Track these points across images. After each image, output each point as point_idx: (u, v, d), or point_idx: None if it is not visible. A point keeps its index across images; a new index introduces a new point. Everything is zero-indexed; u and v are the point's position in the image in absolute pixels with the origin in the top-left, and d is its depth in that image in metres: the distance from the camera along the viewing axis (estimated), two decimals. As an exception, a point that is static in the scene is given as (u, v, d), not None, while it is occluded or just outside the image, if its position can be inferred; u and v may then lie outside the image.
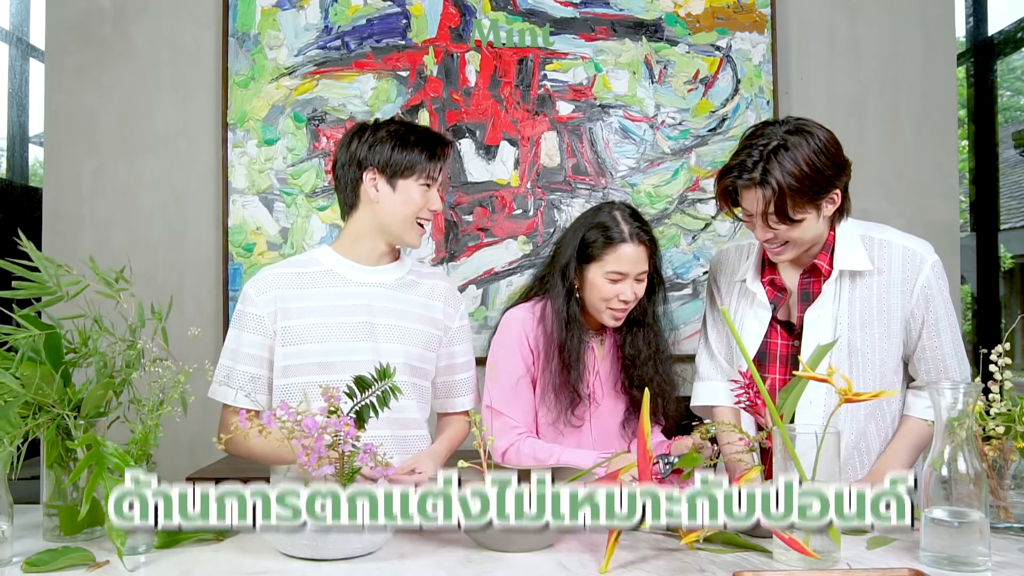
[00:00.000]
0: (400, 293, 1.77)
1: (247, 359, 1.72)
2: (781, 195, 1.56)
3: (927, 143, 3.14)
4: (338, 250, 1.78)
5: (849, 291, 1.69)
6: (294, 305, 1.72)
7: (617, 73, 3.06)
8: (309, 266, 1.77)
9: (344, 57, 3.02)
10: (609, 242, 1.73)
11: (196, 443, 2.74)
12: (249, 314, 1.72)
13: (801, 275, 1.73)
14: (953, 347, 1.71)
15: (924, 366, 1.71)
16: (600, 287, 1.74)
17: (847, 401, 1.28)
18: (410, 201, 1.72)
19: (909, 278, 1.68)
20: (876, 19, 3.15)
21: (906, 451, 1.70)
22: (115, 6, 3.03)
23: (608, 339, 1.85)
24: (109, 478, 1.24)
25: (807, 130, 1.61)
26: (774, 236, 1.63)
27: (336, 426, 1.28)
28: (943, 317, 1.69)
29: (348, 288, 1.74)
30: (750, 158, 1.59)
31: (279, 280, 1.74)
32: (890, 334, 1.69)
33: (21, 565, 1.22)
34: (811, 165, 1.57)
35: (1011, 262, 5.56)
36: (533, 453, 1.75)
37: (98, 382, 1.36)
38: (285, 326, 1.71)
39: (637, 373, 1.79)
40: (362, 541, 1.26)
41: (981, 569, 1.20)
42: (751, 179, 1.58)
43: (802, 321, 1.70)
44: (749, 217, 1.65)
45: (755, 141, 1.61)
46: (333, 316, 1.71)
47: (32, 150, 4.09)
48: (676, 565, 1.24)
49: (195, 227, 3.03)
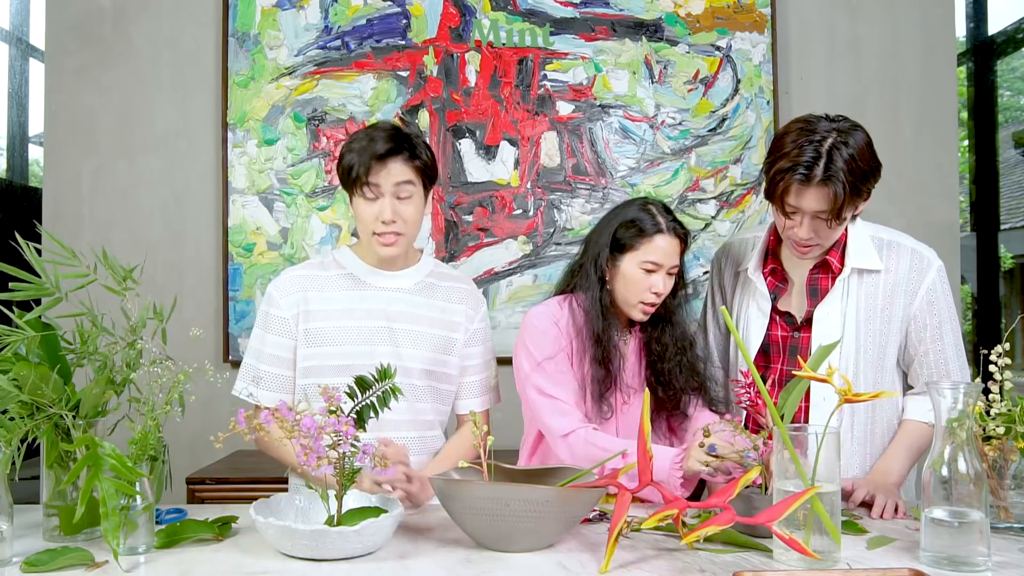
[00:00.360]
0: (419, 297, 1.78)
1: (271, 360, 1.74)
2: (844, 194, 1.56)
3: (927, 143, 3.14)
4: (358, 253, 1.79)
5: (856, 288, 1.71)
6: (316, 308, 1.73)
7: (617, 73, 3.06)
8: (331, 269, 1.78)
9: (344, 57, 3.02)
10: (644, 232, 1.72)
11: (196, 443, 2.74)
12: (273, 315, 1.74)
13: (811, 270, 1.75)
14: (956, 352, 1.72)
15: (927, 371, 1.71)
16: (633, 278, 1.72)
17: (847, 401, 1.28)
18: (358, 217, 1.71)
19: (914, 279, 1.70)
20: (876, 19, 3.15)
21: (905, 452, 1.70)
22: (115, 6, 3.03)
23: (633, 338, 1.84)
24: (105, 480, 1.24)
25: (854, 124, 1.61)
26: (814, 234, 1.63)
27: (335, 426, 1.28)
28: (947, 321, 1.71)
29: (367, 292, 1.75)
30: (806, 157, 1.56)
31: (302, 282, 1.76)
32: (889, 332, 1.71)
33: (20, 565, 1.22)
34: (864, 159, 1.58)
35: (1011, 262, 5.56)
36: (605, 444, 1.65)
37: (97, 382, 1.36)
38: (307, 328, 1.73)
39: (664, 368, 1.78)
40: (362, 541, 1.26)
41: (981, 569, 1.20)
42: (813, 178, 1.56)
43: (811, 316, 1.72)
44: (795, 214, 1.62)
45: (807, 138, 1.58)
46: (353, 319, 1.73)
47: (32, 150, 4.09)
48: (676, 565, 1.24)
49: (195, 227, 3.03)
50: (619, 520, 1.23)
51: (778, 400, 1.39)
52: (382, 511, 1.32)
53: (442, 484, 1.32)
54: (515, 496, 1.27)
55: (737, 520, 1.21)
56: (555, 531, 1.32)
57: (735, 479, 1.35)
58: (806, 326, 1.73)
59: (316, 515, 1.38)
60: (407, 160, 1.68)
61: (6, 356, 1.33)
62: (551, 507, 1.28)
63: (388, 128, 1.71)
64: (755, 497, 1.41)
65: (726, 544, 1.32)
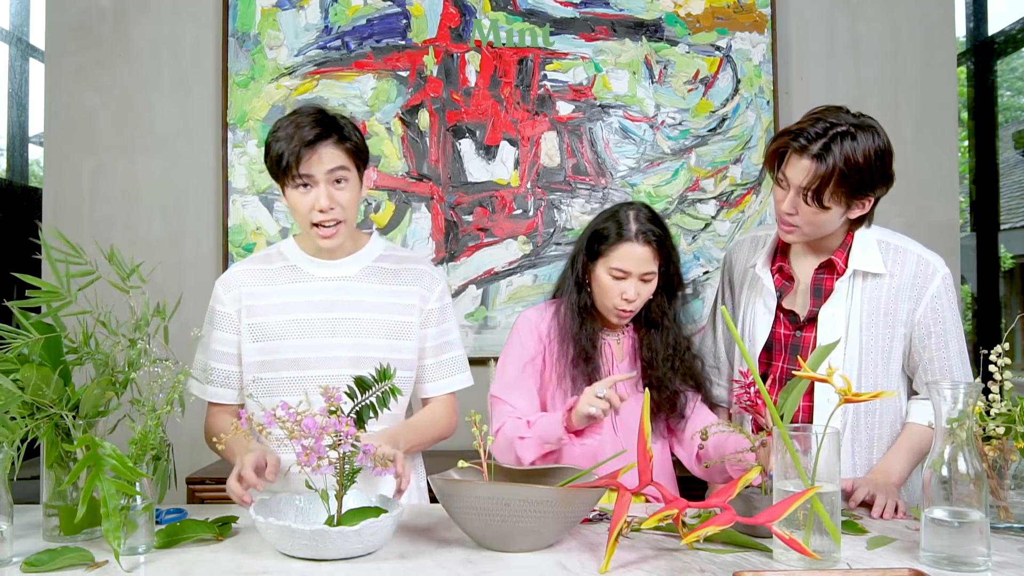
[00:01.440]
0: (364, 284, 1.73)
1: (218, 356, 1.73)
2: (828, 177, 1.58)
3: (927, 143, 3.14)
4: (300, 243, 1.76)
5: (860, 291, 1.72)
6: (260, 303, 1.71)
7: (617, 73, 3.06)
8: (275, 261, 1.76)
9: (344, 57, 3.02)
10: (615, 239, 1.75)
11: (196, 443, 2.72)
12: (218, 311, 1.73)
13: (816, 269, 1.76)
14: (960, 360, 1.72)
15: (931, 377, 1.72)
16: (604, 284, 1.76)
17: (847, 401, 1.29)
18: (295, 209, 1.66)
19: (919, 285, 1.71)
20: (876, 19, 3.15)
21: (907, 453, 1.70)
22: (115, 6, 3.03)
23: (627, 339, 1.86)
24: (106, 480, 1.24)
25: (875, 129, 1.64)
26: (796, 212, 1.65)
27: (336, 426, 1.28)
28: (951, 329, 1.71)
29: (310, 283, 1.72)
30: (815, 129, 1.60)
31: (245, 277, 1.74)
32: (893, 337, 1.72)
33: (20, 565, 1.22)
34: (867, 161, 1.60)
35: (1011, 262, 5.55)
36: (514, 430, 1.73)
37: (97, 382, 1.36)
38: (252, 323, 1.71)
39: (656, 374, 1.79)
40: (362, 541, 1.26)
41: (981, 569, 1.20)
42: (809, 150, 1.59)
43: (815, 315, 1.73)
44: (784, 186, 1.65)
45: (825, 117, 1.62)
46: (297, 312, 1.70)
47: (32, 150, 4.09)
48: (676, 565, 1.24)
49: (195, 227, 3.03)
50: (619, 520, 1.23)
51: (778, 400, 1.38)
52: (382, 511, 1.32)
53: (442, 484, 1.32)
54: (515, 496, 1.27)
55: (737, 520, 1.21)
56: (555, 531, 1.32)
57: (734, 480, 1.35)
58: (809, 325, 1.74)
59: (316, 515, 1.38)
60: (337, 144, 1.62)
61: (9, 357, 1.33)
62: (551, 507, 1.28)
63: (313, 112, 1.64)
64: (755, 497, 1.42)
65: (726, 544, 1.32)
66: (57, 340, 1.37)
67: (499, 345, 2.06)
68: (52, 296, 1.41)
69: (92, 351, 1.40)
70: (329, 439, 1.28)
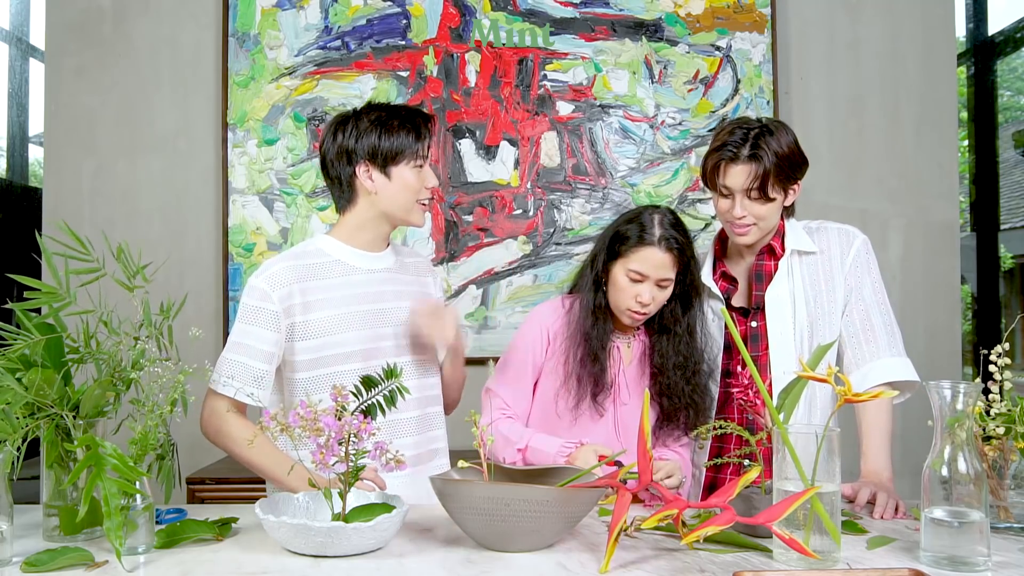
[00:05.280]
0: (398, 275, 1.82)
1: (258, 355, 1.66)
2: (767, 171, 1.71)
3: (927, 143, 3.14)
4: (341, 239, 1.77)
5: (799, 269, 1.82)
6: (312, 298, 1.69)
7: (617, 73, 3.06)
8: (317, 257, 1.74)
9: (344, 57, 3.02)
10: (636, 241, 1.75)
11: (196, 443, 2.73)
12: (264, 309, 1.66)
13: (755, 258, 1.85)
14: (879, 309, 1.79)
15: (851, 330, 1.79)
16: (620, 285, 1.76)
17: (847, 401, 1.28)
18: (407, 186, 1.73)
19: (845, 252, 1.82)
20: (876, 19, 3.15)
21: (882, 444, 1.73)
22: (115, 6, 3.03)
23: (637, 343, 1.86)
24: (107, 479, 1.24)
25: (781, 123, 1.80)
26: (746, 214, 1.75)
27: (355, 425, 1.28)
28: (867, 284, 1.80)
29: (358, 276, 1.75)
30: (735, 138, 1.74)
31: (293, 273, 1.70)
32: (835, 311, 1.80)
33: (20, 565, 1.22)
34: (791, 149, 1.75)
35: (1011, 262, 5.55)
36: (507, 432, 1.79)
37: (98, 383, 1.36)
38: (304, 320, 1.68)
39: (664, 382, 1.79)
40: (376, 536, 1.28)
41: (981, 569, 1.20)
42: (742, 156, 1.73)
43: (761, 300, 1.81)
44: (728, 195, 1.76)
45: (739, 126, 1.76)
46: (349, 306, 1.71)
47: (32, 150, 4.09)
48: (676, 565, 1.24)
49: (195, 227, 3.03)
50: (619, 520, 1.23)
51: (777, 400, 1.38)
52: (387, 507, 1.32)
53: (442, 484, 1.32)
54: (515, 496, 1.27)
55: (737, 520, 1.21)
56: (555, 531, 1.32)
57: (735, 480, 1.35)
58: (759, 312, 1.82)
59: (318, 513, 1.39)
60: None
61: (13, 358, 1.33)
62: (551, 507, 1.28)
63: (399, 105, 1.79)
64: (755, 497, 1.41)
65: (726, 544, 1.32)
66: (58, 341, 1.37)
67: (499, 345, 2.07)
68: (51, 297, 1.41)
69: (94, 351, 1.40)
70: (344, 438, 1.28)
